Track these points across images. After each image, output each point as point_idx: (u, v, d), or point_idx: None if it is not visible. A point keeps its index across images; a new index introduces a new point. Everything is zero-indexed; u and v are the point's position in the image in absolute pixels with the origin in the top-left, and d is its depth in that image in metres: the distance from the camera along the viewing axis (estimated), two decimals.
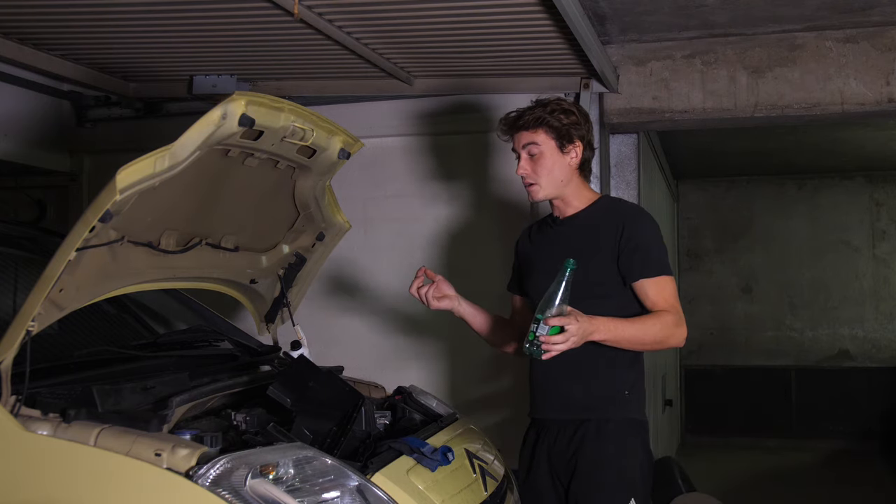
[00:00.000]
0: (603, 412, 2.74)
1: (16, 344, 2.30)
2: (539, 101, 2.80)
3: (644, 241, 2.70)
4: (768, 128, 6.01)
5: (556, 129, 2.74)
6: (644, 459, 2.78)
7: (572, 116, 2.76)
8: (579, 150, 2.78)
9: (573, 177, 2.80)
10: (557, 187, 2.79)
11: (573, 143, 2.76)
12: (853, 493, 6.88)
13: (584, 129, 2.79)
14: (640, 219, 2.78)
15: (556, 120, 2.74)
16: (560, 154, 2.76)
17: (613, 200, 2.92)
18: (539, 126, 2.75)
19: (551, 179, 2.77)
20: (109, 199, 2.25)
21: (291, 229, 3.24)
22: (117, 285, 2.72)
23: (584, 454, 2.73)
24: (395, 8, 3.41)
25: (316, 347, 3.17)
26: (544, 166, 2.76)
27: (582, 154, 2.79)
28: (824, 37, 4.24)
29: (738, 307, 9.09)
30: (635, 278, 2.69)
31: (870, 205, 8.87)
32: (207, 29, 3.72)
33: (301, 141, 2.78)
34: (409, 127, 4.65)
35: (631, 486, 2.72)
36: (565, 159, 2.77)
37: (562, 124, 2.74)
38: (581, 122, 2.78)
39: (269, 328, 3.42)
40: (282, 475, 2.16)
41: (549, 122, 2.74)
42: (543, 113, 2.75)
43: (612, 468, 2.71)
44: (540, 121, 2.75)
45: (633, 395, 2.78)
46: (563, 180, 2.78)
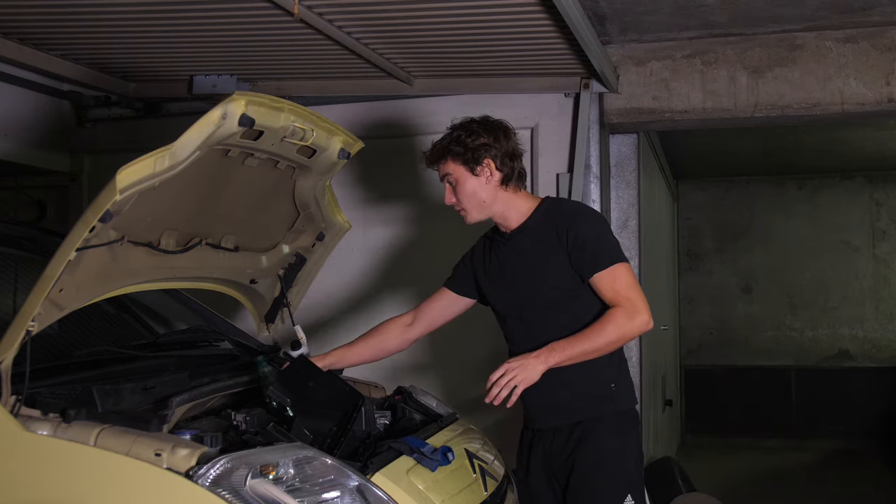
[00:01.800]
0: (593, 411, 2.78)
1: (16, 344, 2.30)
2: (452, 127, 2.84)
3: (590, 238, 2.72)
4: (768, 128, 6.01)
5: (461, 155, 2.78)
6: (637, 451, 2.83)
7: (479, 137, 2.78)
8: (491, 168, 2.79)
9: (497, 193, 2.82)
10: (483, 208, 2.83)
11: (481, 164, 2.78)
12: (853, 493, 6.88)
13: (497, 145, 2.79)
14: (581, 217, 2.79)
15: (460, 145, 2.78)
16: (473, 177, 2.80)
17: (553, 203, 2.90)
18: (445, 156, 2.81)
19: (475, 203, 2.82)
20: (109, 199, 2.25)
21: (291, 229, 3.24)
22: (117, 285, 2.72)
23: (581, 453, 2.76)
24: (395, 8, 3.41)
25: (316, 347, 3.17)
26: (464, 193, 2.82)
27: (498, 169, 2.80)
28: (824, 37, 4.24)
29: (738, 307, 9.09)
30: (589, 275, 2.72)
31: (870, 205, 8.87)
32: (207, 29, 3.72)
33: (301, 141, 2.79)
34: (408, 127, 4.65)
35: (627, 482, 2.75)
36: (480, 181, 2.80)
37: (466, 148, 2.77)
38: (490, 141, 2.79)
39: (269, 328, 3.42)
40: (282, 475, 2.16)
41: (451, 150, 2.79)
42: (447, 142, 2.81)
43: (608, 466, 2.74)
44: (444, 151, 2.81)
45: (620, 387, 2.81)
46: (485, 201, 2.82)
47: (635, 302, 2.68)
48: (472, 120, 2.84)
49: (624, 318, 2.66)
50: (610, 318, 2.68)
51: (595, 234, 2.74)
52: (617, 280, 2.70)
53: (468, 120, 2.84)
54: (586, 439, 2.75)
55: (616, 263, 2.71)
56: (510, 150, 2.82)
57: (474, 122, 2.83)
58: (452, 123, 2.85)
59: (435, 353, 4.61)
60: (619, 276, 2.70)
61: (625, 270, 2.72)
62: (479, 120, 2.84)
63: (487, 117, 2.86)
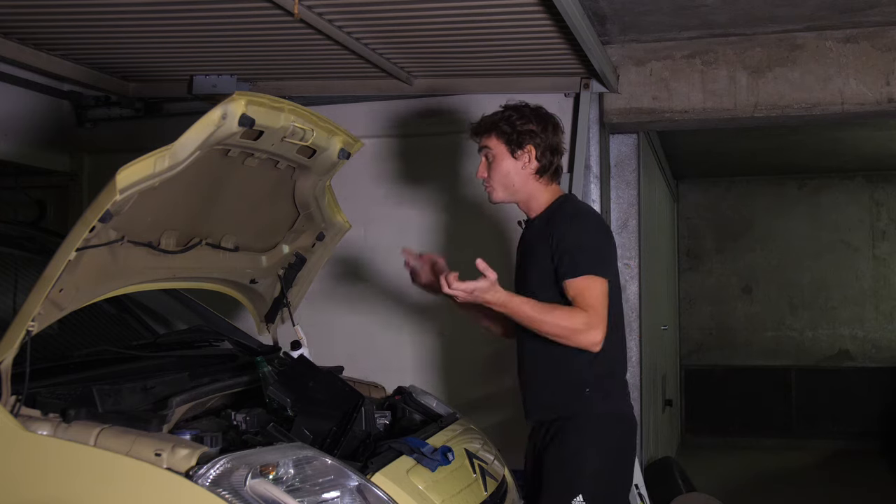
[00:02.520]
0: (566, 410, 2.76)
1: (16, 344, 2.30)
2: (506, 106, 2.86)
3: (572, 243, 2.70)
4: (768, 128, 6.01)
5: (507, 135, 2.80)
6: (611, 453, 2.73)
7: (529, 123, 2.80)
8: (532, 155, 2.80)
9: (528, 181, 2.83)
10: (511, 192, 2.86)
11: (523, 148, 2.80)
12: (853, 493, 6.88)
13: (543, 135, 2.81)
14: (573, 220, 2.77)
15: (509, 125, 2.80)
16: (512, 159, 2.82)
17: (565, 201, 2.88)
18: (491, 131, 2.83)
19: (505, 184, 2.84)
20: (109, 199, 2.25)
21: (291, 229, 3.24)
22: (117, 285, 2.72)
23: (549, 452, 2.76)
24: (395, 8, 3.41)
25: (315, 347, 3.17)
26: (498, 171, 2.84)
27: (537, 160, 2.81)
28: (824, 37, 4.24)
29: (738, 307, 9.09)
30: (561, 280, 2.69)
31: (870, 205, 8.87)
32: (207, 29, 3.72)
33: (301, 141, 2.79)
34: (408, 127, 4.64)
35: (578, 484, 2.67)
36: (517, 164, 2.82)
37: (513, 130, 2.79)
38: (537, 129, 2.80)
39: (269, 328, 3.42)
40: (282, 475, 2.16)
41: (500, 127, 2.81)
42: (497, 118, 2.82)
43: (564, 467, 2.71)
44: (491, 126, 2.83)
45: (596, 393, 2.73)
46: (515, 185, 2.84)
47: (597, 318, 2.61)
48: (525, 104, 2.86)
49: (581, 324, 2.60)
50: (570, 313, 2.62)
51: (580, 240, 2.71)
52: (585, 290, 2.64)
53: (522, 103, 2.86)
54: (555, 437, 2.75)
55: (588, 275, 2.65)
56: (554, 144, 2.84)
57: (528, 107, 2.85)
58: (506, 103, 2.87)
59: (435, 353, 4.61)
60: (588, 288, 2.64)
61: (598, 284, 2.65)
62: (533, 107, 2.86)
63: (541, 107, 2.88)
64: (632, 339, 4.97)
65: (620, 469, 2.80)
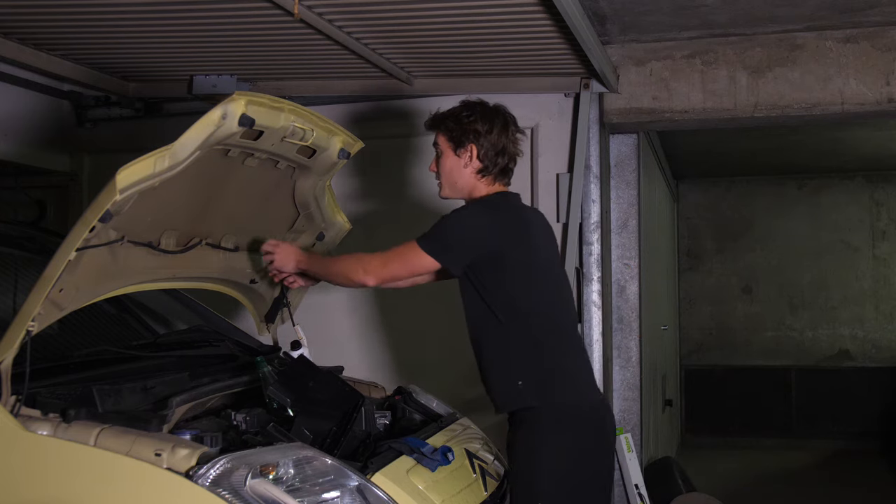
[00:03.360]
0: (508, 406, 2.75)
1: (16, 344, 2.30)
2: (463, 102, 2.89)
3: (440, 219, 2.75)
4: (768, 128, 6.01)
5: (450, 131, 2.83)
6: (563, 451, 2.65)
7: (475, 123, 2.80)
8: (473, 153, 2.80)
9: (470, 180, 2.84)
10: (454, 189, 2.88)
11: (464, 146, 2.80)
12: (853, 493, 6.88)
13: (488, 136, 2.80)
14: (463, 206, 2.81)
15: (454, 122, 2.82)
16: (455, 157, 2.84)
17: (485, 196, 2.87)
18: (436, 127, 2.87)
19: (448, 181, 2.88)
20: (109, 199, 2.25)
21: (291, 229, 3.24)
22: (117, 285, 2.72)
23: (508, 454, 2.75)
24: (395, 8, 3.41)
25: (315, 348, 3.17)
26: (443, 167, 2.88)
27: (479, 159, 2.80)
28: (824, 37, 4.24)
29: (738, 307, 9.09)
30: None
31: (870, 205, 8.87)
32: (207, 29, 3.72)
33: (301, 141, 2.79)
34: (408, 127, 4.64)
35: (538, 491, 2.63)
36: (459, 162, 2.83)
37: (458, 126, 2.80)
38: (482, 129, 2.79)
39: (269, 328, 3.42)
40: (282, 475, 2.16)
41: (445, 124, 2.84)
42: (446, 115, 2.85)
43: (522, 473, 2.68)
44: (438, 122, 2.86)
45: (529, 384, 2.68)
46: (457, 183, 2.86)
47: (379, 259, 2.77)
48: (480, 102, 2.86)
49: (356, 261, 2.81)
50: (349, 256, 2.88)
51: (443, 218, 2.74)
52: (398, 248, 2.76)
53: (478, 101, 2.87)
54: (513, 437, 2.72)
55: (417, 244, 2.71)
56: (500, 146, 2.81)
57: (480, 105, 2.85)
58: (468, 98, 2.89)
59: (435, 353, 4.61)
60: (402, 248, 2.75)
61: (411, 250, 2.72)
62: (487, 106, 2.85)
63: (499, 106, 2.87)
64: (632, 339, 4.97)
65: (578, 465, 2.67)
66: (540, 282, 2.77)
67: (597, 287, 4.40)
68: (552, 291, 2.82)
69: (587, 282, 4.39)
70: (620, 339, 4.93)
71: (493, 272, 2.69)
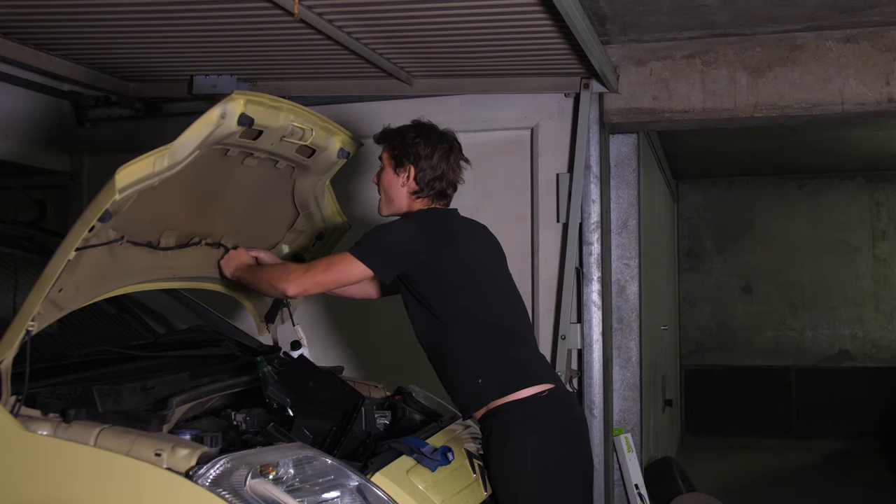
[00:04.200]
0: (472, 407, 2.75)
1: (16, 344, 2.30)
2: (415, 121, 2.90)
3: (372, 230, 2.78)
4: (768, 128, 6.01)
5: (392, 149, 2.85)
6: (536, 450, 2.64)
7: (418, 146, 2.81)
8: (410, 174, 2.83)
9: (406, 199, 2.87)
10: (390, 206, 2.91)
11: (404, 166, 2.83)
12: (853, 493, 6.88)
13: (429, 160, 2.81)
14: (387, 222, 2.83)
15: (399, 140, 2.84)
16: (393, 174, 2.87)
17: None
18: (382, 142, 2.89)
19: (385, 196, 2.92)
20: (109, 199, 2.25)
21: (291, 229, 3.24)
22: (117, 285, 2.72)
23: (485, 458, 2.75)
24: (395, 8, 3.41)
25: (315, 348, 3.17)
26: (382, 182, 2.92)
27: (415, 181, 2.83)
28: (824, 37, 4.24)
29: (738, 307, 9.09)
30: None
31: (870, 205, 8.87)
32: (207, 29, 3.72)
33: (300, 140, 2.79)
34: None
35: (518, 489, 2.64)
36: (397, 180, 2.86)
37: (402, 145, 2.82)
38: (423, 153, 2.81)
39: (269, 328, 3.42)
40: (282, 475, 2.16)
41: (389, 140, 2.86)
42: (394, 132, 2.87)
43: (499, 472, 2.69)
44: (384, 138, 2.88)
45: (489, 381, 2.70)
46: (393, 200, 2.89)
47: (310, 269, 2.79)
48: (429, 126, 2.89)
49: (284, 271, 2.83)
50: (280, 265, 2.95)
51: (375, 229, 2.77)
52: (330, 259, 2.79)
53: (427, 123, 2.89)
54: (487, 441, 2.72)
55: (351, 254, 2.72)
56: (439, 171, 2.84)
57: (428, 128, 2.88)
58: (420, 119, 2.91)
59: None
60: (334, 259, 2.77)
61: (344, 255, 2.74)
62: (435, 130, 2.87)
63: (447, 132, 2.89)
64: (632, 339, 4.97)
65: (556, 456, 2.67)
66: (479, 285, 2.81)
67: (597, 287, 4.40)
68: (494, 294, 2.85)
69: (587, 282, 4.39)
70: (620, 339, 4.93)
71: (428, 280, 2.75)
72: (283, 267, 2.90)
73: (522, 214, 4.50)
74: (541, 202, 4.45)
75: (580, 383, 4.38)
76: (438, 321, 2.75)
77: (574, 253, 4.34)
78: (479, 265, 2.85)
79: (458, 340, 2.74)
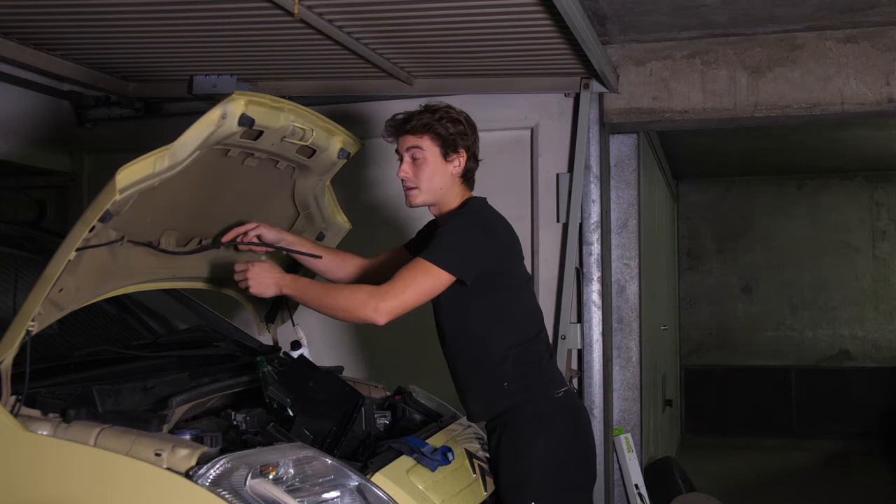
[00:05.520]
0: (492, 410, 2.75)
1: (16, 344, 2.30)
2: (428, 107, 2.79)
3: (440, 233, 2.67)
4: (768, 128, 6.01)
5: (442, 137, 2.74)
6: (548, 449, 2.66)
7: (460, 126, 2.76)
8: (462, 159, 2.77)
9: (453, 185, 2.79)
10: (435, 194, 2.79)
11: (457, 152, 2.76)
12: (853, 493, 6.88)
13: (471, 139, 2.79)
14: (454, 215, 2.73)
15: (443, 128, 2.73)
16: (443, 162, 2.76)
17: (464, 204, 2.81)
18: (425, 132, 2.74)
19: (431, 186, 2.77)
20: (109, 199, 2.25)
21: (291, 229, 3.24)
22: (117, 285, 2.72)
23: (494, 458, 2.75)
24: (395, 8, 3.41)
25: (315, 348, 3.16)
26: (426, 172, 2.75)
27: (465, 164, 2.78)
28: (824, 37, 4.24)
29: (738, 307, 9.09)
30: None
31: (870, 205, 8.87)
32: (207, 29, 3.72)
33: (301, 141, 2.79)
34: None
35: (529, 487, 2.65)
36: (448, 168, 2.76)
37: (448, 133, 2.74)
38: (468, 133, 2.78)
39: (269, 328, 3.42)
40: (282, 475, 2.16)
41: (435, 128, 2.73)
42: (431, 119, 2.74)
43: (509, 471, 2.70)
44: (427, 127, 2.74)
45: (516, 385, 2.70)
46: (441, 188, 2.78)
47: (392, 290, 2.55)
48: (450, 107, 2.80)
49: (366, 296, 2.55)
50: (355, 288, 2.65)
51: (445, 231, 2.66)
52: (409, 270, 2.59)
53: (445, 105, 2.79)
54: (494, 443, 2.74)
55: (429, 262, 2.58)
56: (476, 150, 2.83)
57: (453, 109, 2.80)
58: (428, 104, 2.80)
59: (435, 354, 4.61)
60: (416, 267, 2.58)
61: (423, 266, 2.57)
62: (458, 110, 2.81)
63: (464, 111, 2.84)
64: (632, 339, 4.97)
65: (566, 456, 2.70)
66: (525, 285, 2.81)
67: (597, 287, 4.41)
68: (532, 294, 2.87)
69: (587, 282, 4.39)
70: (620, 339, 4.93)
71: (491, 282, 2.69)
72: (367, 292, 2.58)
73: (522, 214, 4.49)
74: (541, 202, 4.45)
75: (580, 383, 4.38)
76: (484, 323, 2.71)
77: (574, 253, 4.34)
78: (524, 267, 2.86)
79: (497, 345, 2.71)
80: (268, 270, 2.71)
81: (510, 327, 2.74)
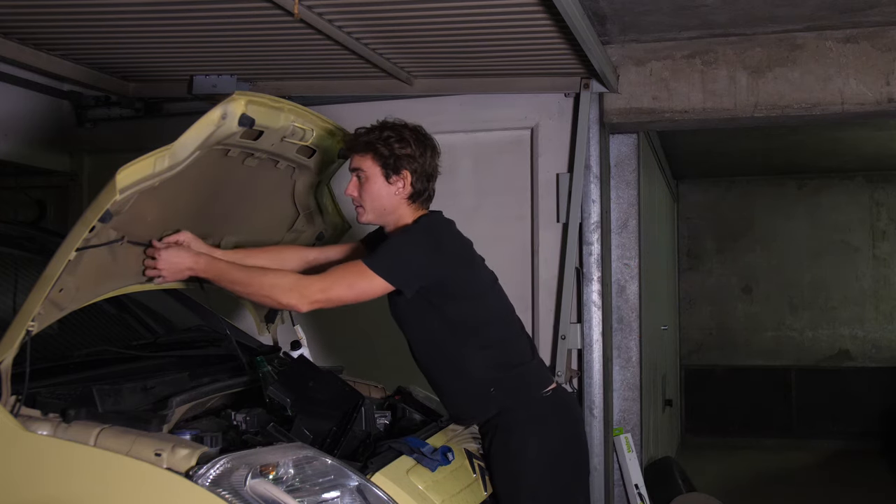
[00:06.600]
0: (481, 413, 2.75)
1: (16, 344, 2.30)
2: (383, 124, 2.74)
3: (387, 242, 2.66)
4: (768, 128, 6.01)
5: (384, 158, 2.68)
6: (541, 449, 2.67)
7: (407, 147, 2.69)
8: (407, 181, 2.71)
9: (400, 206, 2.74)
10: (380, 214, 2.76)
11: (399, 174, 2.70)
12: (853, 493, 6.88)
13: (421, 160, 2.71)
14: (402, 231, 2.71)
15: (387, 148, 2.68)
16: (385, 183, 2.71)
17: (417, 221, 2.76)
18: (367, 152, 2.70)
19: (375, 206, 2.74)
20: (109, 199, 2.25)
21: (291, 229, 3.24)
22: (117, 285, 2.72)
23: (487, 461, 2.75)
24: (395, 8, 3.41)
25: (315, 348, 3.16)
26: (369, 192, 2.72)
27: (412, 185, 2.72)
28: (824, 37, 4.24)
29: (738, 307, 9.09)
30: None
31: (870, 205, 8.87)
32: (207, 29, 3.72)
33: (301, 141, 2.79)
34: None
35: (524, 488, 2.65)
36: (391, 189, 2.71)
37: (391, 153, 2.68)
38: (416, 155, 2.70)
39: (269, 328, 3.42)
40: (282, 475, 2.16)
41: (377, 149, 2.68)
42: (375, 139, 2.69)
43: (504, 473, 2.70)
44: (368, 146, 2.69)
45: (501, 391, 2.70)
46: (386, 209, 2.74)
47: (322, 283, 2.55)
48: (405, 125, 2.74)
49: (292, 282, 2.56)
50: (280, 274, 2.63)
51: (390, 242, 2.64)
52: (348, 266, 2.60)
53: (401, 123, 2.74)
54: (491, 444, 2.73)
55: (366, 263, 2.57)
56: (430, 170, 2.76)
57: (407, 128, 2.73)
58: (384, 120, 2.75)
59: None
60: (352, 265, 2.59)
61: (360, 267, 2.56)
62: (412, 128, 2.75)
63: (420, 128, 2.77)
64: (632, 339, 4.97)
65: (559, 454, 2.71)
66: (488, 295, 2.80)
67: (597, 287, 4.40)
68: (500, 301, 2.84)
69: (587, 282, 4.39)
70: (620, 339, 4.93)
71: (447, 293, 2.68)
72: (294, 279, 2.60)
73: (522, 214, 4.50)
74: (541, 202, 4.45)
75: (580, 383, 4.38)
76: (452, 334, 2.71)
77: (574, 253, 4.34)
78: (485, 273, 2.84)
79: (473, 353, 2.71)
80: (177, 254, 2.65)
81: (478, 334, 2.73)
